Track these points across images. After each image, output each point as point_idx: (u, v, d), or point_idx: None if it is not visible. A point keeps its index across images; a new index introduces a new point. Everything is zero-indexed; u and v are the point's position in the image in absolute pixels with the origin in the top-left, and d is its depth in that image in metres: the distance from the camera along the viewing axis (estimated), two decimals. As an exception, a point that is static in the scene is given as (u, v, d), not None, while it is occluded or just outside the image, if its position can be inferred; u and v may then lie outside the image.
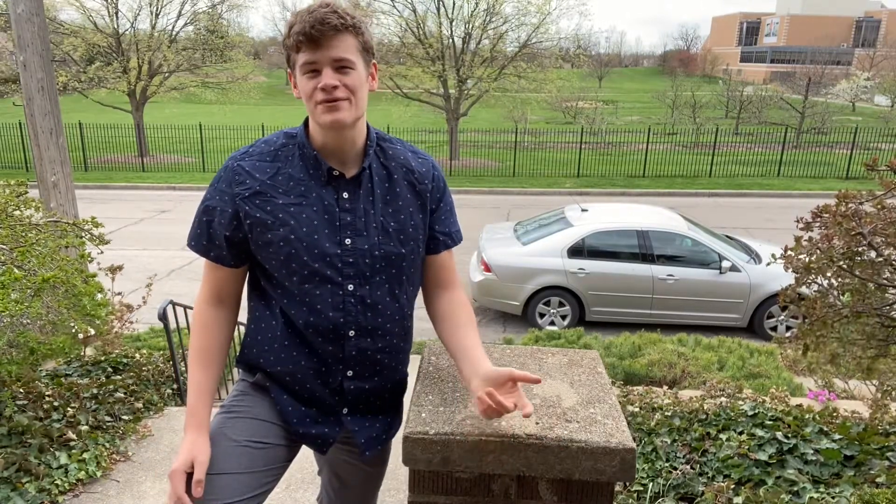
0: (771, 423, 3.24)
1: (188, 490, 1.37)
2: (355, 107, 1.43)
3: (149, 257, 10.64)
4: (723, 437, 3.17)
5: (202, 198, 1.52)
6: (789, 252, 3.03)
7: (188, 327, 4.86)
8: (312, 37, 1.37)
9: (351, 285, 1.48)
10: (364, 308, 1.50)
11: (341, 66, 1.40)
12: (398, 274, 1.53)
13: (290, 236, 1.45)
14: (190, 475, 1.38)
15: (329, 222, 1.47)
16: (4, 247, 3.36)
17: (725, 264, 7.76)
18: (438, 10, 19.09)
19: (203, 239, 1.51)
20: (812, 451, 2.96)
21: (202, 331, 1.52)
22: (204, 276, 1.55)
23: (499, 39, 19.81)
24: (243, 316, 1.63)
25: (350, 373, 1.53)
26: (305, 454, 1.64)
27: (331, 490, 1.83)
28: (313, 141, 1.50)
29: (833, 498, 2.64)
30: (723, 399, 3.76)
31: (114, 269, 4.73)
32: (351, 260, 1.48)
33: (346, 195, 1.49)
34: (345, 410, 1.57)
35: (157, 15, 19.67)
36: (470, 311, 1.62)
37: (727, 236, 8.95)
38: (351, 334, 1.50)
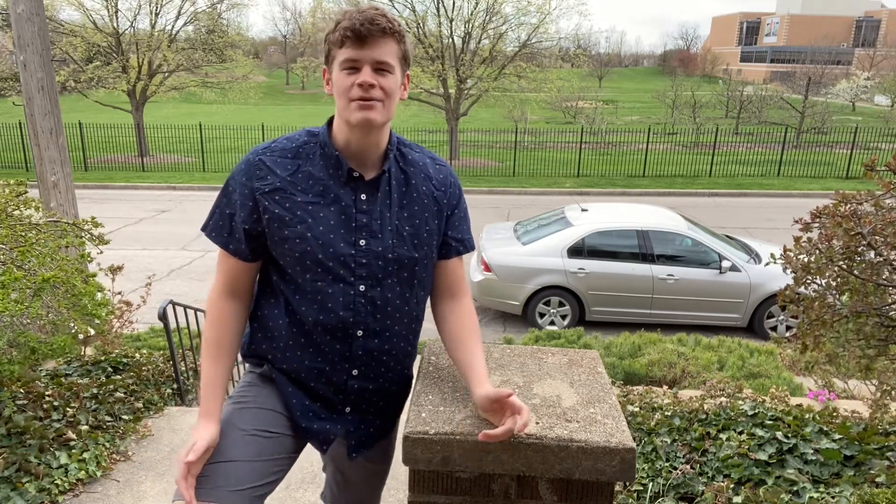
0: (771, 422, 3.24)
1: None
2: (387, 110, 1.46)
3: (149, 257, 10.64)
4: (723, 436, 3.17)
5: (221, 189, 1.54)
6: (789, 252, 3.03)
7: (188, 327, 4.86)
8: (360, 34, 1.39)
9: (362, 286, 1.50)
10: (374, 309, 1.52)
11: (381, 69, 1.43)
12: (410, 277, 1.55)
13: (307, 234, 1.47)
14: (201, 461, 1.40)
15: (345, 223, 1.49)
16: (4, 247, 3.36)
17: (725, 264, 7.76)
18: (438, 9, 19.09)
19: (224, 231, 1.52)
20: (812, 451, 2.96)
21: (215, 323, 1.54)
22: (218, 268, 1.56)
23: (498, 39, 19.81)
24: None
25: (355, 372, 1.55)
26: (306, 454, 1.64)
27: (334, 486, 1.85)
28: (336, 141, 1.52)
29: (833, 498, 2.64)
30: (723, 399, 3.76)
31: (114, 270, 4.73)
32: (364, 261, 1.50)
33: (363, 197, 1.51)
34: (347, 409, 1.58)
35: (156, 14, 19.69)
36: (475, 322, 1.64)
37: (727, 236, 8.95)
38: (359, 334, 1.52)
